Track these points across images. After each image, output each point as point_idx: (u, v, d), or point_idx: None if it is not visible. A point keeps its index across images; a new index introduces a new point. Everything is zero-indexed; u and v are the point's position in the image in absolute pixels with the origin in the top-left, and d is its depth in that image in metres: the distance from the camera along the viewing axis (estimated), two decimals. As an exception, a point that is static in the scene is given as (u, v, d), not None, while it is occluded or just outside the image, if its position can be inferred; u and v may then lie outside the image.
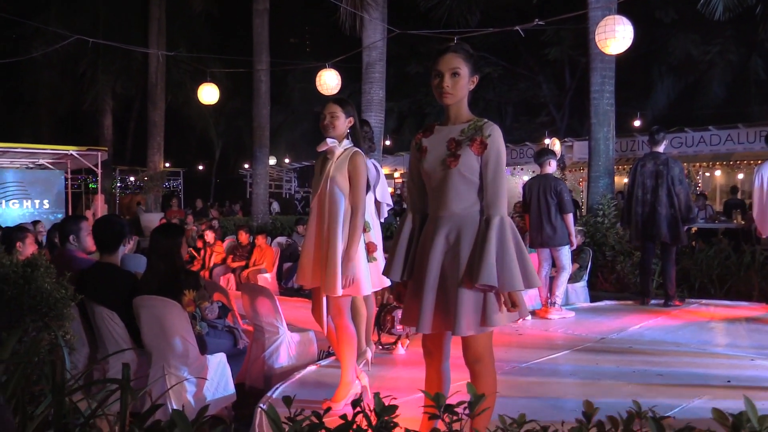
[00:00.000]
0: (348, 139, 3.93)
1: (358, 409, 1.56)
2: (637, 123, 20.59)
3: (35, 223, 9.29)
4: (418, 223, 2.91)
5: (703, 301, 7.60)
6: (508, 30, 9.18)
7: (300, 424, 1.52)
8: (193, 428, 1.58)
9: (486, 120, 2.79)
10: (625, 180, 19.66)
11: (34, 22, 16.83)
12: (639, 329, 6.11)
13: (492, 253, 2.59)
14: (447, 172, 2.73)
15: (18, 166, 15.28)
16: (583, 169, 18.65)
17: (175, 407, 3.77)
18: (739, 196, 16.21)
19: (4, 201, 13.64)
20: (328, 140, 3.88)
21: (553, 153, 7.11)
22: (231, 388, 4.17)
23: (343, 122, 3.89)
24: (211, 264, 10.56)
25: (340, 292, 3.70)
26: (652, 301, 7.33)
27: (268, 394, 4.18)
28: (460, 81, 2.75)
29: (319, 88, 10.98)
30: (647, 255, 7.41)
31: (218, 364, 4.13)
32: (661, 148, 7.27)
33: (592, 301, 7.80)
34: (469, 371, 2.80)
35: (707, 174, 19.27)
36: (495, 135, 2.73)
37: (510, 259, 2.60)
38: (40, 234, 7.97)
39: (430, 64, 2.80)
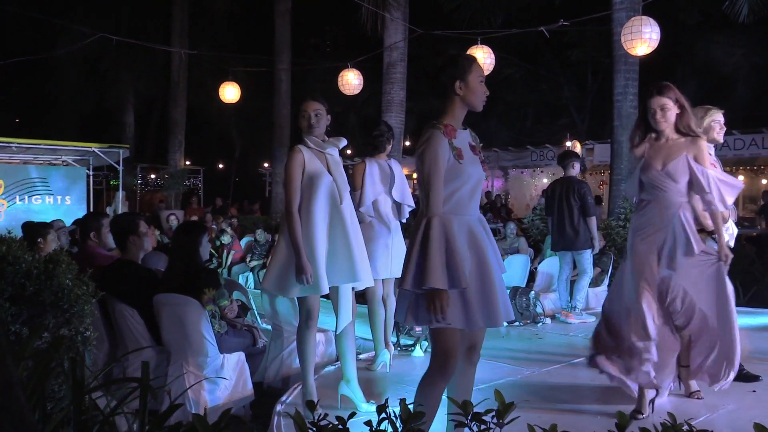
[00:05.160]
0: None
1: (384, 415, 1.53)
2: (660, 126, 20.32)
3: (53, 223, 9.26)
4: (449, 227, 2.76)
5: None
6: (531, 30, 9.10)
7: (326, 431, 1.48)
8: None
9: None
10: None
11: (59, 21, 17.00)
12: (661, 335, 6.01)
13: None
14: (482, 175, 2.93)
15: (41, 162, 15.42)
16: (603, 173, 18.45)
17: (193, 406, 3.77)
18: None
19: (27, 197, 13.77)
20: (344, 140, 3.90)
21: (576, 155, 7.03)
22: (249, 388, 4.17)
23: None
24: (229, 263, 10.60)
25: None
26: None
27: (287, 394, 4.16)
28: None
29: (341, 88, 10.97)
30: None
31: (237, 363, 4.13)
32: None
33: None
34: (469, 364, 2.97)
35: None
36: None
37: None
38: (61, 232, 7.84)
39: (470, 67, 2.87)
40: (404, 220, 4.96)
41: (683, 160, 3.74)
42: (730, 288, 3.83)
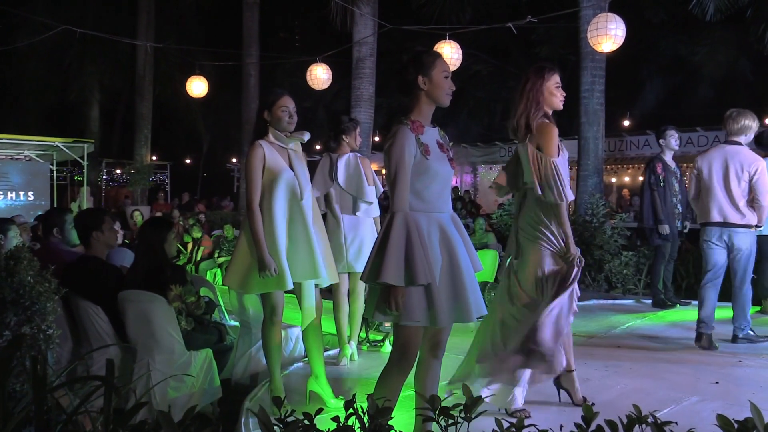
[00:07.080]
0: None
1: (351, 411, 1.52)
2: (626, 123, 20.63)
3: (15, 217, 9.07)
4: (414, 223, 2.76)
5: (692, 302, 7.60)
6: (500, 27, 9.16)
7: (292, 428, 1.47)
8: (179, 430, 1.53)
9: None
10: (613, 180, 19.75)
11: (20, 12, 16.60)
12: (627, 329, 6.11)
13: None
14: (450, 172, 2.93)
15: (3, 157, 15.08)
16: (570, 168, 18.62)
17: (159, 404, 3.72)
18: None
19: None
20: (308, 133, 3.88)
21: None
22: (217, 385, 4.12)
23: None
24: (198, 258, 10.49)
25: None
26: (642, 301, 7.40)
27: (255, 390, 4.13)
28: None
29: (310, 83, 10.91)
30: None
31: (204, 360, 4.08)
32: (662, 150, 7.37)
33: (579, 300, 7.76)
34: (434, 358, 2.96)
35: (694, 175, 19.29)
36: None
37: None
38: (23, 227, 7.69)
39: (433, 63, 2.85)
40: (358, 214, 4.92)
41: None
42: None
